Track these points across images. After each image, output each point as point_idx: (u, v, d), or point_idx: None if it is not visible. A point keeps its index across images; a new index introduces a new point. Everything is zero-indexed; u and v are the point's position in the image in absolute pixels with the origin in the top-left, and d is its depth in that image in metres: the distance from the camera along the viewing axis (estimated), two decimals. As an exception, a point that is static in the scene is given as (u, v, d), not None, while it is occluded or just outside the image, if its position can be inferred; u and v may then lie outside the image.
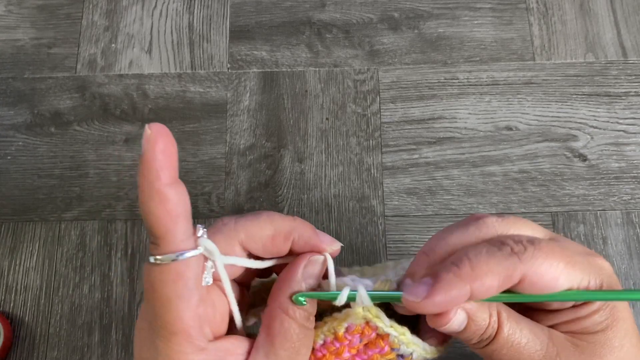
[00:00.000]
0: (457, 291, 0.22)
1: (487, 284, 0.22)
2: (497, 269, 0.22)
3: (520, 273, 0.22)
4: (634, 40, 0.52)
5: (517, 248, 0.22)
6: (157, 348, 0.23)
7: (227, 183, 0.49)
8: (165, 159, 0.22)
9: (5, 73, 0.53)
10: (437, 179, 0.48)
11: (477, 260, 0.22)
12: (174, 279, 0.22)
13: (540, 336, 0.24)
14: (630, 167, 0.48)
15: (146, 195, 0.22)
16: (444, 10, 0.53)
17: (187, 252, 0.22)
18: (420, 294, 0.22)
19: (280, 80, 0.52)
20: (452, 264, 0.22)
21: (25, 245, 0.47)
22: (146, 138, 0.22)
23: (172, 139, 0.22)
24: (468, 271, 0.22)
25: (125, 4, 0.55)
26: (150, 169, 0.22)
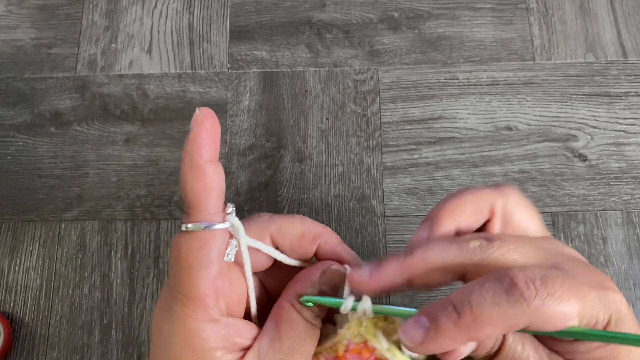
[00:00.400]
0: (454, 341, 0.21)
1: (487, 333, 0.21)
2: (502, 320, 0.21)
3: (526, 322, 0.21)
4: (634, 40, 0.52)
5: (528, 293, 0.21)
6: (173, 311, 0.24)
7: (227, 183, 0.49)
8: (209, 138, 0.24)
9: (5, 73, 0.53)
10: (437, 179, 0.48)
11: (480, 309, 0.21)
12: (199, 247, 0.23)
13: (541, 354, 0.23)
14: (630, 167, 0.48)
15: (187, 168, 0.24)
16: (444, 10, 0.53)
17: (216, 224, 0.24)
18: (416, 339, 0.22)
19: (280, 80, 0.52)
20: (454, 309, 0.21)
21: (25, 245, 0.47)
22: (195, 118, 0.24)
23: (218, 123, 0.24)
24: (469, 322, 0.21)
25: (125, 4, 0.55)
26: (194, 144, 0.23)
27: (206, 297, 0.23)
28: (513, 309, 0.20)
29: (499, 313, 0.20)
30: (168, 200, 0.48)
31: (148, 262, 0.47)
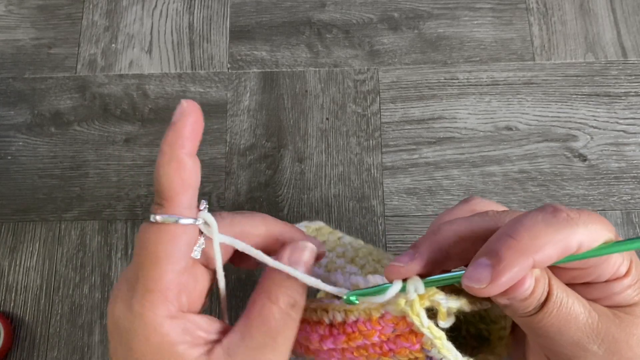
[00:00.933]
0: (520, 267, 0.21)
1: (547, 255, 0.21)
2: (557, 237, 0.21)
3: (579, 240, 0.21)
4: (633, 40, 0.52)
5: (573, 214, 0.22)
6: (132, 307, 0.23)
7: (227, 183, 0.49)
8: (192, 132, 0.24)
9: (6, 73, 0.53)
10: (437, 179, 0.48)
11: (536, 229, 0.21)
12: (169, 239, 0.23)
13: (583, 301, 0.24)
14: (630, 167, 0.48)
15: (166, 159, 0.24)
16: (444, 10, 0.54)
17: (187, 219, 0.23)
18: (483, 278, 0.22)
19: (280, 80, 0.52)
20: (509, 236, 0.22)
21: (26, 245, 0.47)
22: (180, 109, 0.24)
23: (202, 118, 0.24)
24: (528, 243, 0.21)
25: (126, 4, 0.55)
26: (177, 135, 0.24)
27: (168, 291, 0.23)
28: (564, 228, 0.21)
29: (553, 232, 0.21)
30: (168, 200, 0.48)
31: (148, 262, 0.47)
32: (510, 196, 0.47)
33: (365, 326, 0.25)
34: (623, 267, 0.23)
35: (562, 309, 0.23)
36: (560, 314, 0.23)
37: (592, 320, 0.23)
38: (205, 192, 0.48)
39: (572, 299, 0.24)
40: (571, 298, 0.24)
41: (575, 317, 0.23)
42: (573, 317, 0.23)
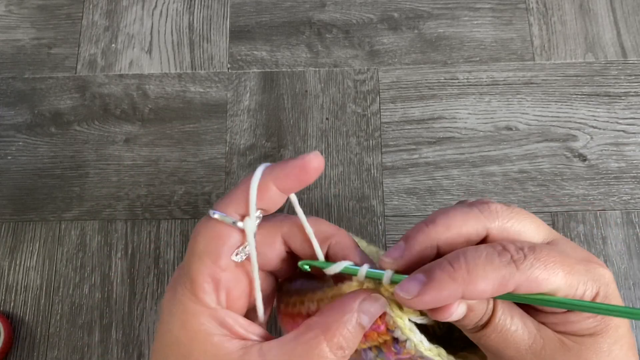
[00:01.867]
0: (449, 292, 0.22)
1: (480, 289, 0.22)
2: (493, 275, 0.22)
3: (516, 283, 0.22)
4: (633, 40, 0.52)
5: (517, 256, 0.22)
6: (177, 293, 0.25)
7: (228, 183, 0.49)
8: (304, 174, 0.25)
9: (6, 73, 0.53)
10: (437, 179, 0.48)
11: (474, 263, 0.22)
12: (213, 237, 0.24)
13: (530, 327, 0.24)
14: (630, 167, 0.48)
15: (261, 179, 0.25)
16: (444, 10, 0.54)
17: (238, 222, 0.25)
18: (412, 290, 0.23)
19: (280, 80, 0.52)
20: (449, 263, 0.22)
21: (26, 245, 0.47)
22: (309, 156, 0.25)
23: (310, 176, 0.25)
24: (463, 274, 0.22)
25: (126, 4, 0.55)
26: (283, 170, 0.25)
27: (206, 284, 0.24)
28: (504, 269, 0.22)
29: (491, 270, 0.22)
30: (168, 200, 0.48)
31: (148, 262, 0.47)
32: (510, 196, 0.47)
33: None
34: (588, 294, 0.23)
35: (502, 333, 0.24)
36: (501, 337, 0.24)
37: (536, 346, 0.24)
38: (205, 192, 0.48)
39: (516, 324, 0.24)
40: (515, 323, 0.24)
41: (515, 343, 0.24)
42: (513, 343, 0.24)
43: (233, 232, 0.25)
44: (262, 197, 0.25)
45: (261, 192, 0.25)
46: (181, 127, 0.51)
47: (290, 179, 0.25)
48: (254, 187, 0.25)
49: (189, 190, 0.48)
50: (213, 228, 0.25)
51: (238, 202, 0.25)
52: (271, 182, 0.25)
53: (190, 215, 0.48)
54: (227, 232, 0.24)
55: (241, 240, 0.25)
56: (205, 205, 0.48)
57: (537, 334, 0.24)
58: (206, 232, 0.25)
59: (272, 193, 0.25)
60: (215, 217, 0.25)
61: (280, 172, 0.25)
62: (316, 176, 0.25)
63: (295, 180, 0.25)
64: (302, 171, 0.25)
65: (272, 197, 0.25)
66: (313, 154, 0.25)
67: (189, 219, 0.48)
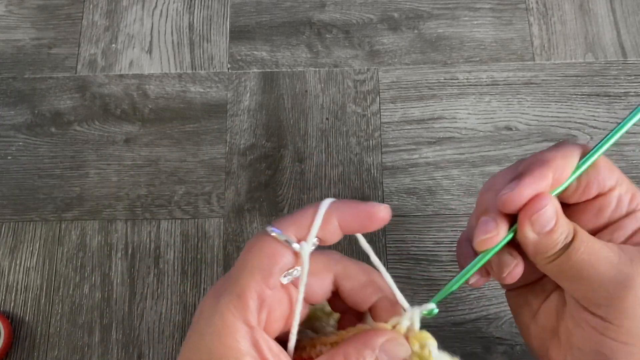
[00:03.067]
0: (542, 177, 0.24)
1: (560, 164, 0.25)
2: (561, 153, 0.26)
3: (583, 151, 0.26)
4: (633, 40, 0.52)
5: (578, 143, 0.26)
6: (219, 303, 0.24)
7: (227, 183, 0.49)
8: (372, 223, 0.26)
9: (6, 73, 0.53)
10: (437, 179, 0.48)
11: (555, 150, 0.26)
12: (268, 254, 0.25)
13: (611, 246, 0.25)
14: (630, 167, 0.48)
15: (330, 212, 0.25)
16: (444, 10, 0.54)
17: (294, 243, 0.25)
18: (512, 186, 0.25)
19: (280, 81, 0.52)
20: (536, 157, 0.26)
21: (26, 245, 0.47)
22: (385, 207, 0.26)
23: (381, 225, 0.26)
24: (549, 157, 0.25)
25: (126, 4, 0.55)
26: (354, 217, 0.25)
27: (251, 301, 0.24)
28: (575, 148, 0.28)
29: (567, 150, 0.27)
30: (168, 200, 0.48)
31: (148, 262, 0.47)
32: (510, 196, 0.47)
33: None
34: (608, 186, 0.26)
35: (589, 247, 0.24)
36: (589, 250, 0.24)
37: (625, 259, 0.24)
38: (205, 192, 0.48)
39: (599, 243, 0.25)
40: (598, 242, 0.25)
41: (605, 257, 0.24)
42: (603, 257, 0.24)
43: (287, 253, 0.25)
44: (322, 227, 0.25)
45: (323, 222, 0.25)
46: (181, 127, 0.51)
47: (355, 221, 0.25)
48: (320, 214, 0.25)
49: (189, 190, 0.48)
50: (269, 245, 0.25)
51: (298, 225, 0.25)
52: (335, 217, 0.25)
53: (191, 215, 0.48)
54: (281, 252, 0.25)
55: (293, 263, 0.25)
56: (205, 205, 0.48)
57: (620, 251, 0.24)
58: (261, 248, 0.25)
59: (332, 227, 0.25)
60: (273, 235, 0.25)
61: (348, 211, 0.25)
62: (379, 227, 0.25)
63: (359, 224, 0.25)
64: (369, 219, 0.25)
65: (331, 230, 0.25)
66: (384, 206, 0.25)
67: (189, 219, 0.48)
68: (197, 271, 0.46)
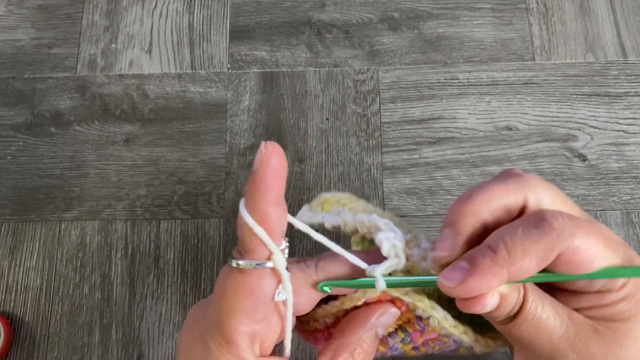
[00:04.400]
0: (493, 277, 0.22)
1: (525, 267, 0.22)
2: (535, 249, 0.22)
3: (558, 250, 0.22)
4: (633, 40, 0.52)
5: (556, 224, 0.22)
6: (208, 348, 0.24)
7: (227, 183, 0.49)
8: (275, 180, 0.22)
9: (6, 73, 0.53)
10: (437, 179, 0.48)
11: (513, 243, 0.22)
12: (246, 293, 0.23)
13: (561, 314, 0.24)
14: (630, 167, 0.48)
15: (250, 211, 0.22)
16: (444, 10, 0.54)
17: (267, 263, 0.23)
18: (456, 279, 0.22)
19: (280, 80, 0.52)
20: (489, 248, 0.22)
21: (26, 245, 0.47)
22: (260, 155, 0.22)
23: (284, 159, 0.22)
24: (505, 256, 0.22)
25: (126, 4, 0.55)
26: (258, 188, 0.22)
27: (242, 342, 0.23)
28: (543, 239, 0.21)
29: (530, 244, 0.22)
30: (168, 200, 0.48)
31: (148, 262, 0.47)
32: (510, 196, 0.47)
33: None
34: (619, 280, 0.23)
35: (534, 322, 0.23)
36: (532, 326, 0.23)
37: (569, 334, 0.23)
38: (205, 192, 0.48)
39: (548, 312, 0.23)
40: (547, 311, 0.23)
41: (548, 331, 0.23)
42: (546, 331, 0.23)
43: (264, 280, 0.23)
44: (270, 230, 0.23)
45: (266, 225, 0.22)
46: (181, 127, 0.51)
47: (268, 192, 0.22)
48: (249, 220, 0.22)
49: (189, 191, 0.48)
50: (243, 283, 0.23)
51: (258, 250, 0.23)
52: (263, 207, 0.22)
53: (190, 216, 0.48)
54: (258, 284, 0.23)
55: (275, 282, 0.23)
56: (205, 205, 0.48)
57: (568, 321, 0.23)
58: (236, 288, 0.23)
59: (274, 217, 0.23)
60: (241, 267, 0.23)
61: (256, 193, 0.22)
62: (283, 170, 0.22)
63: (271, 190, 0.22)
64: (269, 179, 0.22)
65: (277, 221, 0.23)
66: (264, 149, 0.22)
67: (189, 219, 0.48)
68: (197, 271, 0.46)
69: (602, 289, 0.23)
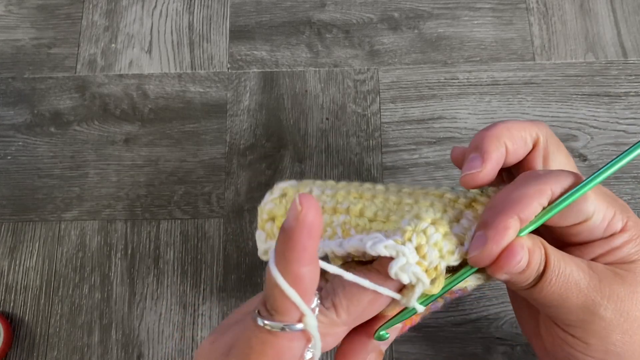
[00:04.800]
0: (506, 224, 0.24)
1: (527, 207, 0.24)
2: (530, 190, 0.24)
3: (551, 187, 0.24)
4: (634, 40, 0.52)
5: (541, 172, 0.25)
6: None
7: (227, 183, 0.49)
8: (310, 240, 0.21)
9: (5, 73, 0.53)
10: (437, 179, 0.48)
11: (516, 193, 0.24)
12: (274, 356, 0.21)
13: (582, 266, 0.25)
14: (629, 167, 0.48)
15: (282, 271, 0.21)
16: (444, 10, 0.53)
17: (296, 325, 0.21)
18: (480, 245, 0.24)
19: (280, 80, 0.52)
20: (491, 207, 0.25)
21: (25, 245, 0.47)
22: (294, 213, 0.21)
23: (321, 217, 0.21)
24: (506, 205, 0.24)
25: (125, 4, 0.55)
26: (293, 248, 0.21)
27: None
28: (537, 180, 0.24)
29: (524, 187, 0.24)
30: (168, 201, 0.48)
31: (148, 262, 0.47)
32: (511, 196, 0.47)
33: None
34: (618, 223, 0.25)
35: (561, 276, 0.24)
36: (560, 281, 0.24)
37: (594, 282, 0.24)
38: (205, 192, 0.48)
39: (570, 266, 0.25)
40: (569, 265, 0.25)
41: (575, 283, 0.24)
42: (573, 284, 0.24)
43: (294, 343, 0.21)
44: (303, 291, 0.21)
45: (299, 286, 0.21)
46: (181, 127, 0.51)
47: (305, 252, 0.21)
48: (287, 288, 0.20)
49: (189, 191, 0.48)
50: (271, 344, 0.21)
51: (286, 307, 0.21)
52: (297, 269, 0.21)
53: (190, 216, 0.48)
54: (288, 347, 0.21)
55: (304, 343, 0.22)
56: (205, 206, 0.48)
57: (590, 271, 0.24)
58: (264, 349, 0.21)
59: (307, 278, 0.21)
60: (267, 327, 0.21)
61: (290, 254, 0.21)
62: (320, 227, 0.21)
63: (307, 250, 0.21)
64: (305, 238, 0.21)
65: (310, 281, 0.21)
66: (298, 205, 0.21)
67: (189, 219, 0.48)
68: (197, 271, 0.46)
69: (605, 234, 0.25)
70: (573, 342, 0.25)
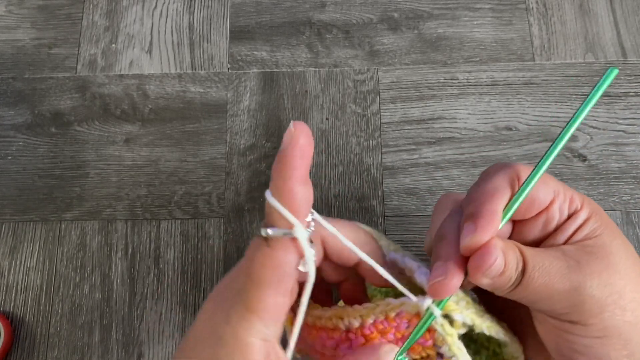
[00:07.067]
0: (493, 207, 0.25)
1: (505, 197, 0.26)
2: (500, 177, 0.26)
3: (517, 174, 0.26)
4: (633, 40, 0.52)
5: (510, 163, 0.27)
6: (229, 319, 0.24)
7: (228, 183, 0.49)
8: (302, 158, 0.23)
9: (6, 73, 0.53)
10: (437, 179, 0.48)
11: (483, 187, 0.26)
12: (274, 266, 0.23)
13: (556, 254, 0.25)
14: (629, 167, 0.48)
15: (276, 189, 0.24)
16: (444, 10, 0.54)
17: (295, 232, 0.24)
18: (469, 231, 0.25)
19: (280, 81, 0.52)
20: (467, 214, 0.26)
21: (26, 245, 0.47)
22: (288, 133, 0.24)
23: (311, 138, 0.24)
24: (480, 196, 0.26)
25: (126, 4, 0.55)
26: (286, 165, 0.23)
27: (266, 314, 0.23)
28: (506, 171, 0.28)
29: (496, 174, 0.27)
30: (168, 200, 0.48)
31: (148, 262, 0.47)
32: (510, 196, 0.47)
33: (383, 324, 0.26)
34: (577, 200, 0.26)
35: (541, 269, 0.25)
36: (542, 274, 0.25)
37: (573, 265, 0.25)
38: (206, 192, 0.48)
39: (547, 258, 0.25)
40: (547, 258, 0.25)
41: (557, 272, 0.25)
42: (555, 273, 0.25)
43: (290, 254, 0.24)
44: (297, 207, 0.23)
45: (293, 202, 0.23)
46: (181, 127, 0.51)
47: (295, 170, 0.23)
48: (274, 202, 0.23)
49: (189, 191, 0.48)
50: (271, 257, 0.23)
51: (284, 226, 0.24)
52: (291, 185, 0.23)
53: (191, 216, 0.48)
54: (285, 257, 0.23)
55: (299, 255, 0.24)
56: (205, 205, 0.48)
57: (565, 257, 0.25)
58: (263, 262, 0.23)
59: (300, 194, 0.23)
60: (270, 235, 0.23)
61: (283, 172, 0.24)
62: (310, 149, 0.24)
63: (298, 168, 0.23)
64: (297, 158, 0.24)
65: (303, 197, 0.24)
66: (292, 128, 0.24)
67: (189, 219, 0.48)
68: (197, 271, 0.46)
69: (570, 211, 0.26)
70: (573, 328, 0.25)
